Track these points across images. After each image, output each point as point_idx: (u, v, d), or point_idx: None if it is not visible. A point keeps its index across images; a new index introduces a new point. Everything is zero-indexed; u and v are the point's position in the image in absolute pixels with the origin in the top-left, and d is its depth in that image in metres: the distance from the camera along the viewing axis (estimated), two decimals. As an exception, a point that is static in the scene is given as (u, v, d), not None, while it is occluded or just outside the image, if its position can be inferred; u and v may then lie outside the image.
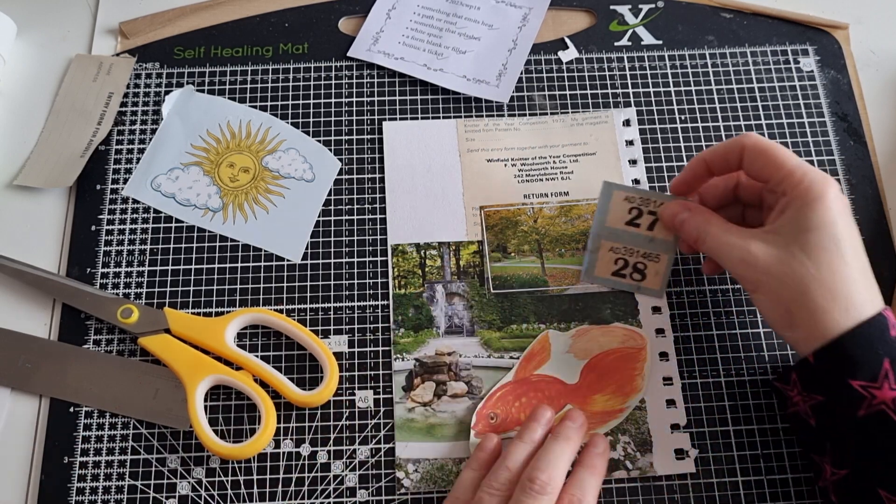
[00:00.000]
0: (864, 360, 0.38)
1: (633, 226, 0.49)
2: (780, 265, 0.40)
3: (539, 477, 0.40)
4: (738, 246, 0.42)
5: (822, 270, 0.39)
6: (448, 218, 0.52)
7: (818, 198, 0.40)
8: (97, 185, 0.53)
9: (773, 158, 0.42)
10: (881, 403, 0.38)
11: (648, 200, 0.49)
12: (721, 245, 0.43)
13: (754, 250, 0.41)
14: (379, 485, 0.45)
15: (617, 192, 0.49)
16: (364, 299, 0.50)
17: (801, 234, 0.40)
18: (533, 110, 0.55)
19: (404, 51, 0.57)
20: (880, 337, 0.38)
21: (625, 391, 0.47)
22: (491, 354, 0.48)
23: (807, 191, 0.40)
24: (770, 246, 0.41)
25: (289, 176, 0.53)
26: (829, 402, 0.40)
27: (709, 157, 0.45)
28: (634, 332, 0.48)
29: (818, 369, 0.40)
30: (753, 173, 0.43)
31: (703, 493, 0.45)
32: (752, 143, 0.43)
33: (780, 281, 0.40)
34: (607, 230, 0.49)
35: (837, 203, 0.40)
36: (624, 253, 0.49)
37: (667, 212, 0.47)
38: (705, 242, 0.44)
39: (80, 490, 0.45)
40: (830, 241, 0.39)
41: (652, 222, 0.49)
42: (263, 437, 0.45)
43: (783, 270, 0.40)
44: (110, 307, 0.48)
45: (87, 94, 0.56)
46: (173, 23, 0.59)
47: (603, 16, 0.59)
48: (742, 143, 0.43)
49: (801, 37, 0.58)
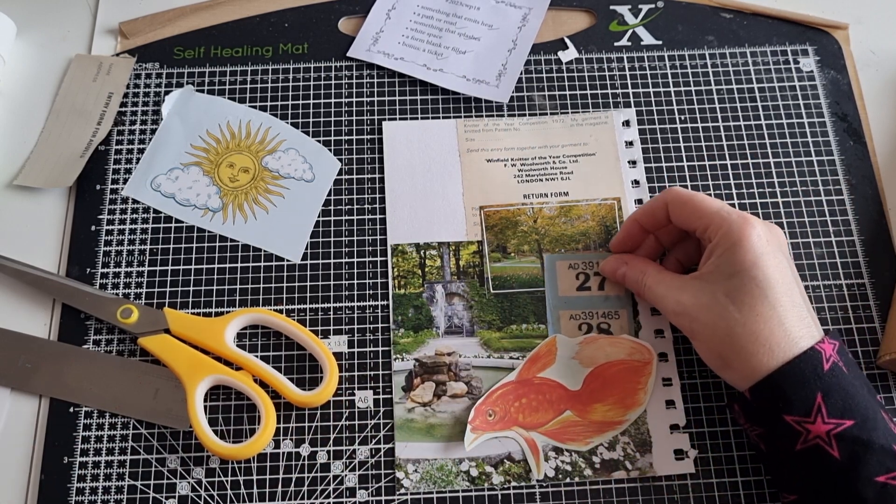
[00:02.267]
0: (796, 396, 0.39)
1: (585, 290, 0.49)
2: (707, 313, 0.41)
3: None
4: (669, 297, 0.43)
5: (746, 315, 0.40)
6: (448, 218, 0.52)
7: (738, 241, 0.41)
8: (97, 185, 0.53)
9: (694, 208, 0.43)
10: (816, 438, 0.38)
11: (591, 263, 0.50)
12: (656, 297, 0.45)
13: (684, 300, 0.42)
14: (379, 485, 0.45)
15: (560, 263, 0.50)
16: (364, 299, 0.50)
17: (725, 280, 0.41)
18: (533, 110, 0.55)
19: (404, 51, 0.57)
20: (812, 371, 0.39)
21: (626, 403, 0.47)
22: (491, 355, 0.48)
23: (727, 235, 0.41)
24: (699, 294, 0.42)
25: (289, 176, 0.53)
26: (769, 434, 0.41)
27: (639, 217, 0.47)
28: (642, 345, 0.48)
29: (754, 405, 0.41)
30: (681, 225, 0.45)
31: (702, 493, 0.45)
32: (672, 196, 0.44)
33: (710, 328, 0.41)
34: (562, 300, 0.49)
35: (758, 244, 0.41)
36: (584, 318, 0.49)
37: (607, 268, 0.49)
38: (644, 294, 0.46)
39: (80, 490, 0.45)
40: (752, 284, 0.40)
41: (601, 283, 0.50)
42: (263, 437, 0.45)
43: (711, 318, 0.41)
44: (110, 307, 0.48)
45: (87, 94, 0.56)
46: (173, 23, 0.59)
47: (603, 16, 0.59)
48: (664, 199, 0.45)
49: (800, 37, 0.58)
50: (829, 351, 0.40)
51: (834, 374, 0.39)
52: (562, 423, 0.46)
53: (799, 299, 0.41)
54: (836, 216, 0.52)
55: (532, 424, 0.46)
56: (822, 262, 0.51)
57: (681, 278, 0.44)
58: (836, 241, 0.51)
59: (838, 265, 0.51)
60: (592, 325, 0.48)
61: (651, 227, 0.47)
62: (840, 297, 0.50)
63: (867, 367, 0.48)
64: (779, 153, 0.54)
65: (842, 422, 0.38)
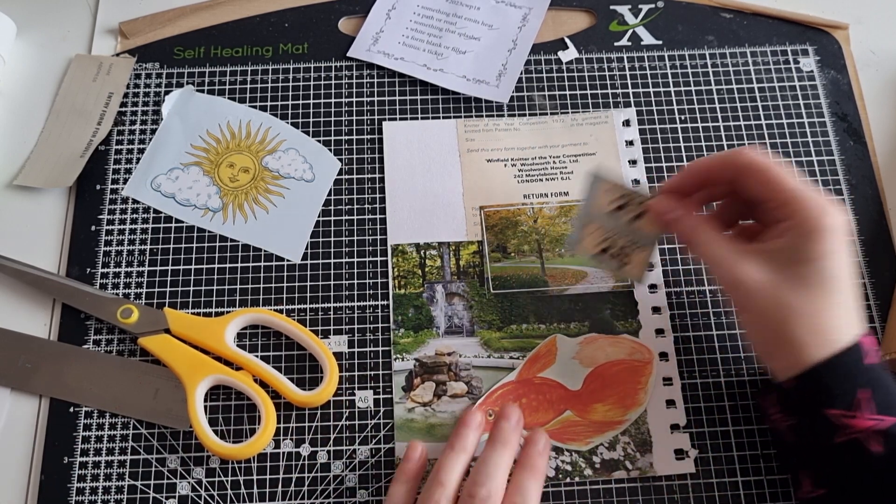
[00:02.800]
0: (839, 391, 0.38)
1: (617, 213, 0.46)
2: (766, 295, 0.39)
3: (479, 492, 0.39)
4: (725, 265, 0.40)
5: (806, 305, 0.38)
6: (448, 218, 0.52)
7: (817, 229, 0.38)
8: (97, 185, 0.53)
9: (769, 179, 0.40)
10: (857, 432, 0.38)
11: (635, 195, 0.46)
12: (711, 257, 0.41)
13: (743, 272, 0.40)
14: (379, 485, 0.45)
15: (602, 184, 0.46)
16: (364, 299, 0.50)
17: (793, 265, 0.39)
18: (533, 110, 0.55)
19: (404, 51, 0.57)
20: (855, 366, 0.38)
21: (626, 403, 0.47)
22: (491, 354, 0.48)
23: (806, 220, 0.39)
24: (760, 269, 0.39)
25: (289, 176, 0.53)
26: (806, 426, 0.40)
27: (702, 169, 0.43)
28: (643, 345, 0.48)
29: (795, 396, 0.40)
30: (747, 193, 0.41)
31: (702, 493, 0.45)
32: (746, 161, 0.41)
33: (764, 311, 0.39)
34: (594, 215, 0.47)
35: (838, 236, 0.39)
36: (609, 235, 0.46)
37: (659, 206, 0.44)
38: (695, 249, 0.42)
39: (80, 490, 0.45)
40: (822, 276, 0.38)
41: (636, 216, 0.46)
42: (263, 437, 0.45)
43: (768, 302, 0.39)
44: (110, 307, 0.48)
45: (87, 94, 0.56)
46: (173, 23, 0.59)
47: (603, 16, 0.59)
48: (734, 161, 0.41)
49: (801, 37, 0.58)
50: (870, 345, 0.39)
51: (876, 370, 0.38)
52: (562, 423, 0.46)
53: (853, 296, 0.40)
54: (836, 216, 0.52)
55: (532, 424, 0.46)
56: (822, 262, 0.51)
57: (740, 247, 0.41)
58: (837, 241, 0.51)
59: (838, 265, 0.51)
60: (613, 247, 0.46)
61: (709, 183, 0.44)
62: (840, 297, 0.50)
63: (867, 366, 0.48)
64: (779, 153, 0.54)
65: (884, 418, 0.37)
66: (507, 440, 0.42)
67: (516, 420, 0.44)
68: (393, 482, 0.42)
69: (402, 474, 0.42)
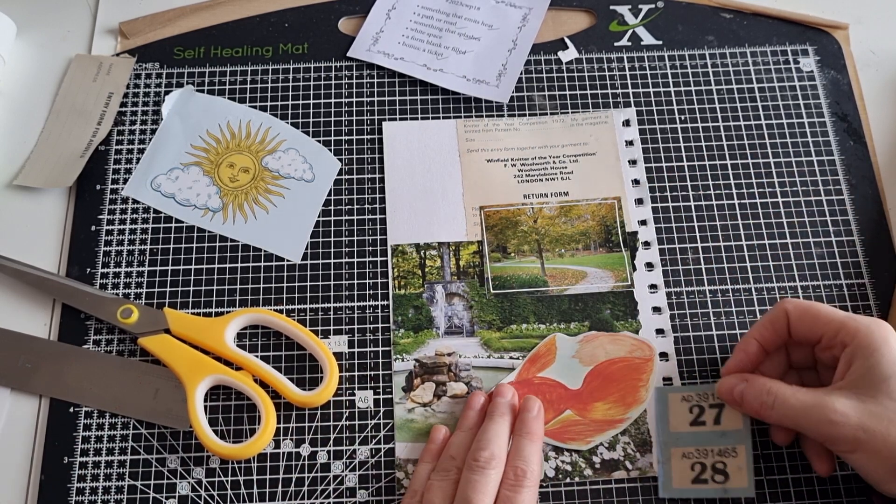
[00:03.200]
0: None
1: (699, 425, 0.45)
2: (876, 419, 0.38)
3: (481, 455, 0.41)
4: (820, 406, 0.39)
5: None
6: (448, 218, 0.52)
7: (883, 342, 0.39)
8: (97, 185, 0.53)
9: (818, 314, 0.41)
10: None
11: (706, 395, 0.45)
12: (796, 409, 0.40)
13: (840, 408, 0.38)
14: (379, 485, 0.45)
15: (672, 396, 0.46)
16: (364, 299, 0.50)
17: (882, 382, 0.38)
18: (533, 110, 0.55)
19: (404, 51, 0.57)
20: None
21: (627, 401, 0.47)
22: (491, 355, 0.48)
23: (868, 338, 0.39)
24: (856, 401, 0.39)
25: (289, 176, 0.53)
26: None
27: (757, 334, 0.44)
28: (643, 342, 0.48)
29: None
30: (802, 335, 0.42)
31: (702, 493, 0.45)
32: (793, 305, 0.42)
33: (883, 437, 0.38)
34: (673, 436, 0.45)
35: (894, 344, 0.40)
36: (698, 456, 0.44)
37: (724, 386, 0.44)
38: (773, 409, 0.41)
39: (80, 490, 0.45)
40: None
41: (716, 416, 0.45)
42: (263, 437, 0.45)
43: (882, 424, 0.38)
44: (110, 307, 0.48)
45: (87, 94, 0.56)
46: (173, 23, 0.59)
47: (603, 16, 0.59)
48: (784, 309, 0.43)
49: (801, 37, 0.58)
50: None
51: None
52: (562, 423, 0.46)
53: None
54: (836, 216, 0.52)
55: (532, 424, 0.46)
56: (822, 262, 0.51)
57: (821, 389, 0.40)
58: (836, 241, 0.51)
59: (838, 265, 0.51)
60: (706, 465, 0.44)
61: (770, 344, 0.44)
62: (840, 297, 0.50)
63: (867, 367, 0.48)
64: (779, 153, 0.54)
65: None
66: (503, 412, 0.44)
67: (510, 396, 0.46)
68: (418, 462, 0.45)
69: (427, 454, 0.45)
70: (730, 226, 0.52)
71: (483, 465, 0.41)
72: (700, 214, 0.52)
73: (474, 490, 0.40)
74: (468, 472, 0.41)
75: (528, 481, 0.41)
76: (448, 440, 0.45)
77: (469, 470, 0.41)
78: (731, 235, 0.51)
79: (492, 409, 0.45)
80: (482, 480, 0.40)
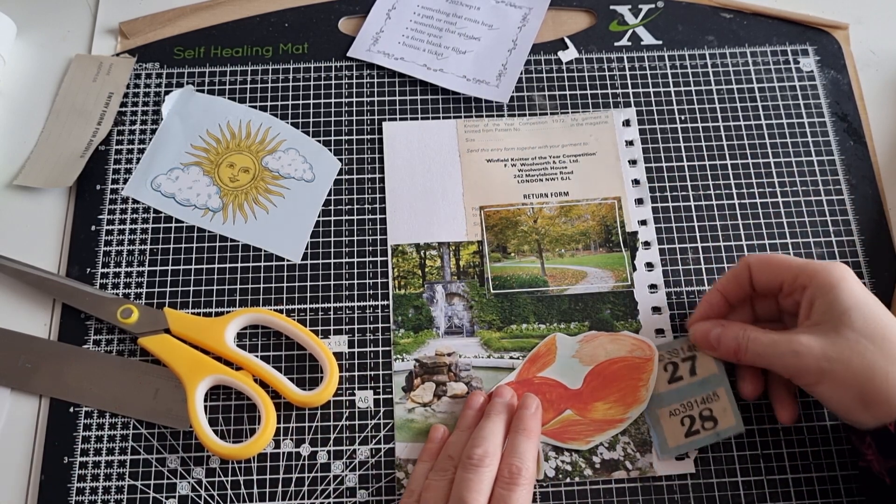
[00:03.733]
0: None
1: (677, 381, 0.46)
2: (838, 349, 0.39)
3: (475, 452, 0.41)
4: (787, 341, 0.41)
5: (881, 343, 0.39)
6: (448, 218, 0.52)
7: (840, 278, 0.41)
8: (97, 185, 0.53)
9: (781, 264, 0.43)
10: None
11: (676, 350, 0.47)
12: (767, 346, 0.41)
13: (805, 340, 0.40)
14: (379, 485, 0.45)
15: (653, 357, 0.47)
16: (364, 299, 0.50)
17: (843, 314, 0.40)
18: (533, 110, 0.55)
19: (404, 51, 0.57)
20: None
21: (627, 401, 0.46)
22: (491, 355, 0.48)
23: (826, 278, 0.41)
24: (820, 335, 0.40)
25: (289, 176, 0.53)
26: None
27: (721, 287, 0.45)
28: (643, 342, 0.48)
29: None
30: (764, 285, 0.44)
31: (702, 493, 0.45)
32: (755, 258, 0.44)
33: (845, 364, 0.39)
34: (656, 398, 0.46)
35: (857, 282, 0.41)
36: (684, 410, 0.45)
37: (699, 331, 0.45)
38: (748, 349, 0.42)
39: (80, 490, 0.45)
40: (873, 315, 0.40)
41: (691, 367, 0.46)
42: (263, 437, 0.45)
43: (844, 353, 0.39)
44: (110, 307, 0.48)
45: (87, 94, 0.56)
46: (173, 23, 0.59)
47: (603, 16, 0.59)
48: (746, 262, 0.44)
49: (801, 37, 0.58)
50: None
51: None
52: (562, 423, 0.46)
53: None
54: (836, 216, 0.52)
55: (532, 424, 0.46)
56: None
57: (790, 330, 0.42)
58: (836, 241, 0.51)
59: (838, 265, 0.51)
60: (695, 416, 0.45)
61: (734, 297, 0.45)
62: (840, 297, 0.50)
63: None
64: (779, 153, 0.54)
65: None
66: (499, 411, 0.44)
67: (508, 397, 0.46)
68: (417, 462, 0.45)
69: (425, 453, 0.45)
70: (730, 226, 0.52)
71: (476, 462, 0.41)
72: (700, 214, 0.52)
73: (468, 489, 0.40)
74: (462, 471, 0.41)
75: (523, 479, 0.41)
76: (447, 440, 0.45)
77: (463, 468, 0.41)
78: (731, 235, 0.51)
79: (489, 408, 0.45)
80: (476, 479, 0.40)
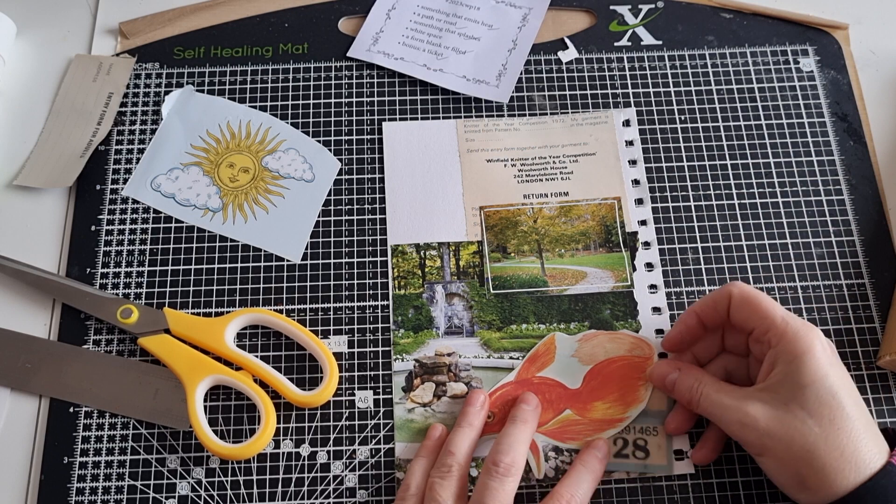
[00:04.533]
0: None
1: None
2: (782, 427, 0.39)
3: (503, 460, 0.41)
4: (734, 408, 0.40)
5: (827, 428, 0.38)
6: (448, 218, 0.52)
7: (806, 351, 0.39)
8: (97, 185, 0.53)
9: (759, 308, 0.41)
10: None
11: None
12: (716, 407, 0.41)
13: (753, 412, 0.39)
14: (379, 485, 0.45)
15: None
16: (364, 299, 0.50)
17: (797, 390, 0.39)
18: (533, 110, 0.55)
19: (404, 51, 0.57)
20: (893, 487, 0.37)
21: (626, 401, 0.46)
22: (491, 355, 0.48)
23: (793, 343, 0.39)
24: (768, 406, 0.39)
25: (289, 176, 0.53)
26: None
27: (700, 310, 0.44)
28: (643, 341, 0.48)
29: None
30: (738, 322, 0.43)
31: (702, 493, 0.45)
32: (738, 291, 0.42)
33: (786, 444, 0.39)
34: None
35: (826, 353, 0.39)
36: (620, 433, 0.45)
37: (656, 372, 0.45)
38: (699, 405, 0.42)
39: (80, 490, 0.45)
40: (828, 396, 0.38)
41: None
42: (263, 437, 0.45)
43: (787, 433, 0.39)
44: (110, 307, 0.48)
45: (86, 94, 0.56)
46: (173, 23, 0.59)
47: (603, 16, 0.59)
48: (729, 292, 0.43)
49: (800, 37, 0.58)
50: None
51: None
52: (562, 423, 0.46)
53: (868, 413, 0.40)
54: (836, 216, 0.52)
55: (532, 424, 0.46)
56: (822, 262, 0.51)
57: (743, 389, 0.41)
58: (836, 241, 0.51)
59: (838, 265, 0.51)
60: (628, 441, 0.45)
61: (710, 321, 0.44)
62: (840, 297, 0.50)
63: (867, 367, 0.48)
64: (779, 153, 0.54)
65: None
66: (527, 419, 0.44)
67: (535, 405, 0.46)
68: (414, 458, 0.44)
69: (423, 450, 0.45)
70: (730, 226, 0.52)
71: (503, 472, 0.40)
72: (700, 214, 0.52)
73: (492, 497, 0.39)
74: (486, 477, 0.40)
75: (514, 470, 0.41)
76: (445, 437, 0.45)
77: (487, 475, 0.40)
78: (731, 235, 0.51)
79: (516, 412, 0.44)
80: (500, 488, 0.40)
